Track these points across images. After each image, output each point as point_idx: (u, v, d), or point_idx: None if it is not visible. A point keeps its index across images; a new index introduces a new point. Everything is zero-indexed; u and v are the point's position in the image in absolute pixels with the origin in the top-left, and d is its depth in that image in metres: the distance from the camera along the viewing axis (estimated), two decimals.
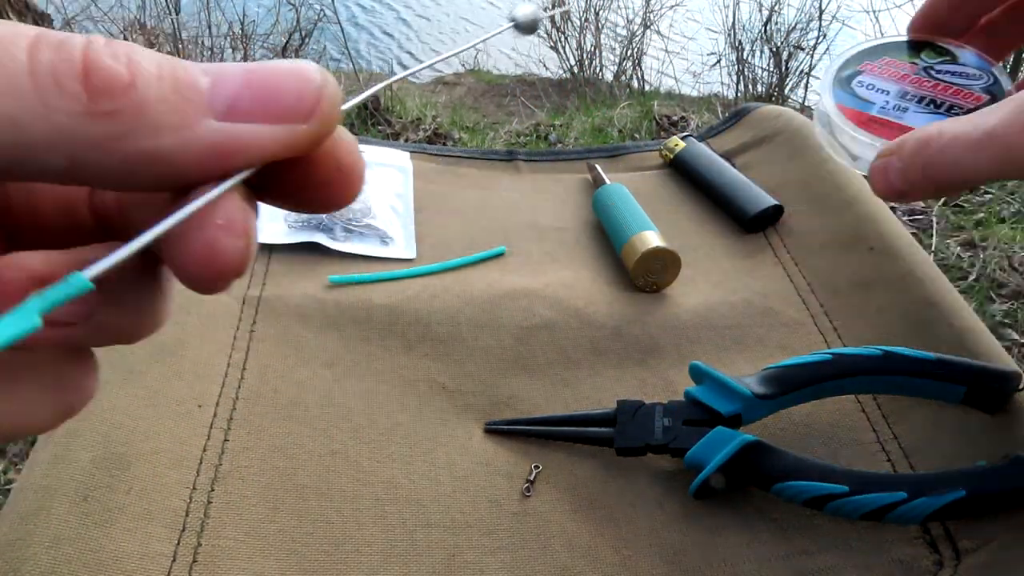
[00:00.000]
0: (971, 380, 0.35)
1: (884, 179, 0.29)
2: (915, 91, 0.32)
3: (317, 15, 3.56)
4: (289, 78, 0.15)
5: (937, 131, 0.27)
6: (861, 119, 0.32)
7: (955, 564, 0.32)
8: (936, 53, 0.34)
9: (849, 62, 0.34)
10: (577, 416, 0.38)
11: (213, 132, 0.14)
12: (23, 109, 0.12)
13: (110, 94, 0.13)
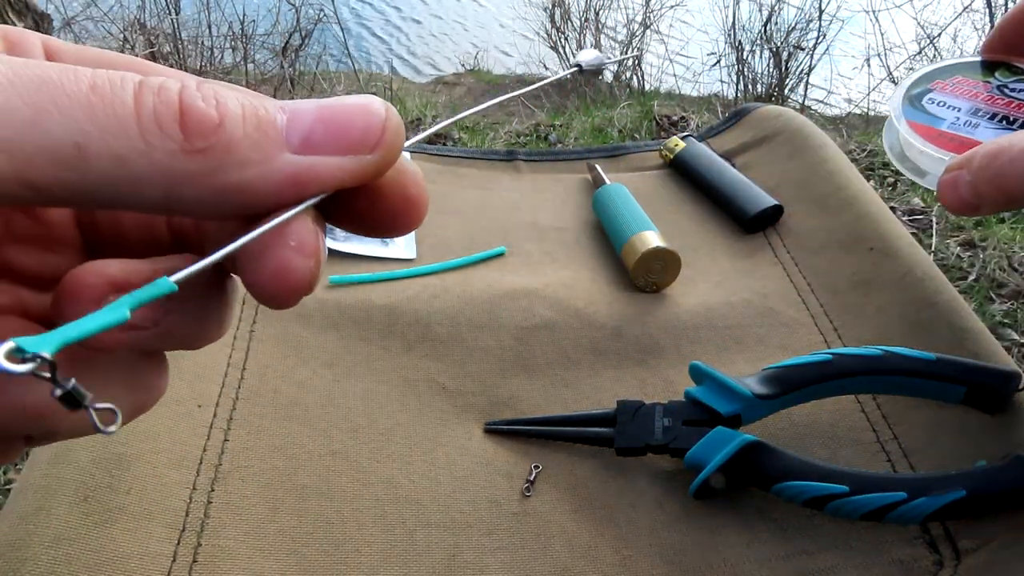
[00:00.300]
0: (971, 380, 0.35)
1: (954, 192, 0.28)
2: (987, 108, 0.32)
3: (317, 15, 3.56)
4: (357, 112, 0.16)
5: (1008, 143, 0.26)
6: (931, 134, 0.31)
7: (955, 564, 0.32)
8: (1011, 73, 0.34)
9: (920, 80, 0.34)
10: (577, 416, 0.38)
11: (290, 164, 0.15)
12: (130, 148, 0.14)
13: (203, 134, 0.14)
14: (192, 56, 3.33)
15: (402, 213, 0.18)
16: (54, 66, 0.14)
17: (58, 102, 0.14)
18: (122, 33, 3.41)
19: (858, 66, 2.95)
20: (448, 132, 2.57)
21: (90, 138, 0.14)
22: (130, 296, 0.14)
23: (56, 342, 0.13)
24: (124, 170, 0.14)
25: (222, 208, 0.15)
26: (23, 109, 0.13)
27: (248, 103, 0.15)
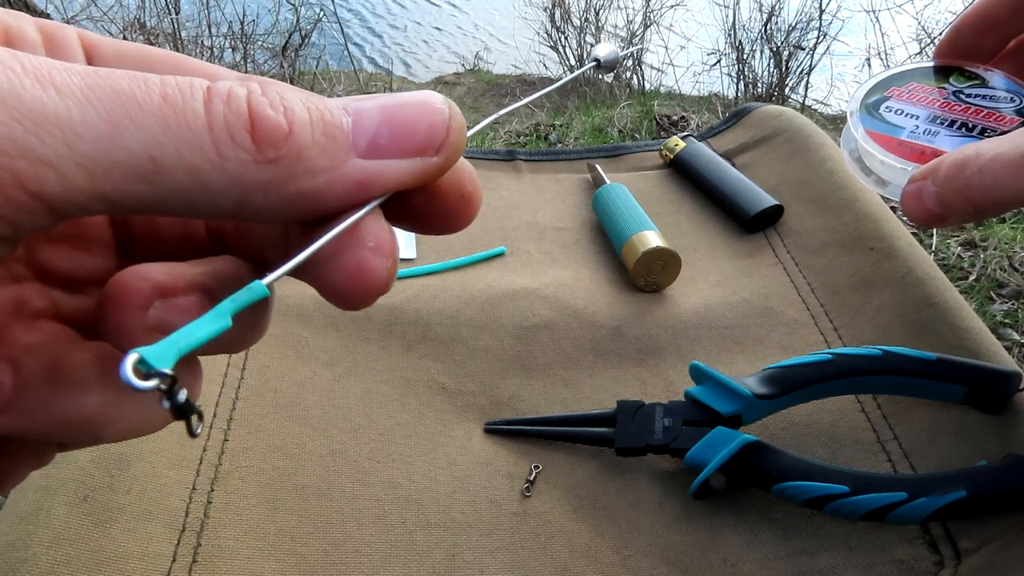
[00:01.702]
0: (971, 380, 0.35)
1: (918, 204, 0.28)
2: (945, 115, 0.32)
3: (317, 15, 3.56)
4: (421, 113, 0.16)
5: (974, 152, 0.26)
6: (890, 144, 0.31)
7: (955, 564, 0.32)
8: (965, 78, 0.33)
9: (876, 88, 0.34)
10: (577, 416, 0.38)
11: (357, 170, 0.15)
12: (203, 160, 0.14)
13: (274, 144, 0.14)
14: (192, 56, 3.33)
15: (458, 210, 0.18)
16: (124, 75, 0.14)
17: (132, 115, 0.14)
18: (122, 33, 3.41)
19: (859, 66, 2.95)
20: None
21: (165, 151, 0.14)
22: (229, 301, 0.14)
23: (172, 355, 0.13)
24: (197, 181, 0.14)
25: (290, 215, 0.15)
26: (99, 124, 0.13)
27: (314, 107, 0.15)
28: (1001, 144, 0.25)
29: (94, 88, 0.14)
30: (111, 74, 0.14)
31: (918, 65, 0.34)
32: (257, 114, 0.15)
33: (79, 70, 0.14)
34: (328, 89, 3.24)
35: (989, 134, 0.30)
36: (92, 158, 0.13)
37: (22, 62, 0.13)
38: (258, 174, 0.14)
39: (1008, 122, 0.31)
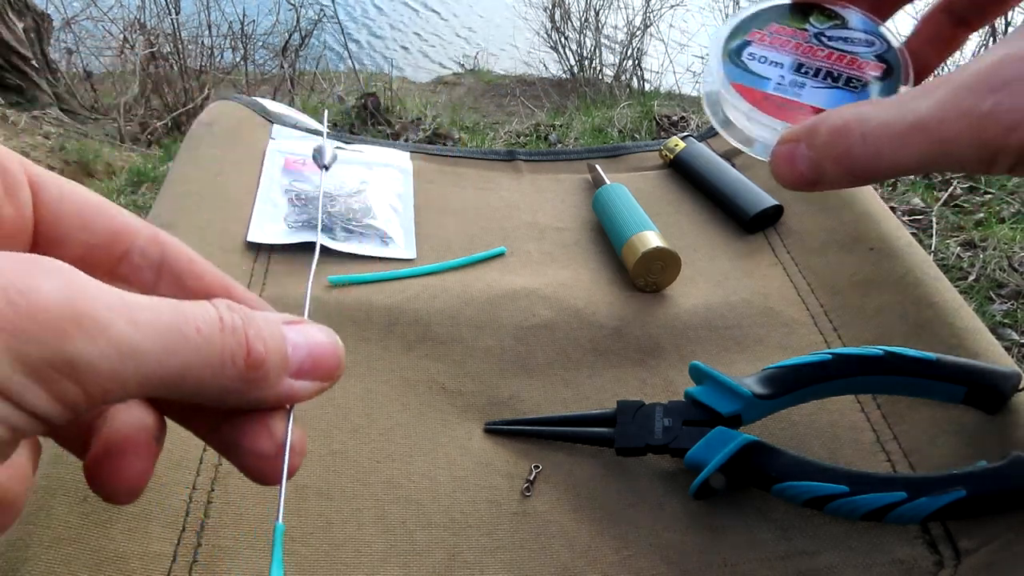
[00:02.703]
0: (971, 380, 0.35)
1: (791, 166, 0.26)
2: (810, 62, 0.30)
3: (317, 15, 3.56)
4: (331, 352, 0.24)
5: (856, 118, 0.24)
6: (756, 98, 0.29)
7: (955, 564, 0.32)
8: (825, 17, 0.32)
9: (736, 31, 0.31)
10: (577, 416, 0.38)
11: (287, 386, 0.23)
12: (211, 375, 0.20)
13: (255, 368, 0.21)
14: (192, 56, 3.33)
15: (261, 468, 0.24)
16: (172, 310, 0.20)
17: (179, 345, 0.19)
18: (122, 33, 3.41)
19: None
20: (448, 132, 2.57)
21: (191, 369, 0.20)
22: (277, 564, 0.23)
23: None
24: (200, 385, 0.20)
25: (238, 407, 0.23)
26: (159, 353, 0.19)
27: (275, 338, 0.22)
28: (887, 111, 0.23)
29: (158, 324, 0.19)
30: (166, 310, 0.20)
31: (777, 2, 0.32)
32: (251, 347, 0.21)
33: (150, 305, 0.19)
34: (328, 89, 3.23)
35: (854, 84, 0.29)
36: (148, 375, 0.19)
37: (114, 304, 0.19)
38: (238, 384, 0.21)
39: (872, 69, 0.30)
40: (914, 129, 0.22)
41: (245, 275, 0.45)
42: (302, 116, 0.65)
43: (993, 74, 0.21)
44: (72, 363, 0.17)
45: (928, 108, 0.22)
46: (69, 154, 2.52)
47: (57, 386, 0.17)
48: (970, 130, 0.21)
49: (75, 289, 0.18)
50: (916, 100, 0.23)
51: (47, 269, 0.18)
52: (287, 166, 0.53)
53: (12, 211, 0.23)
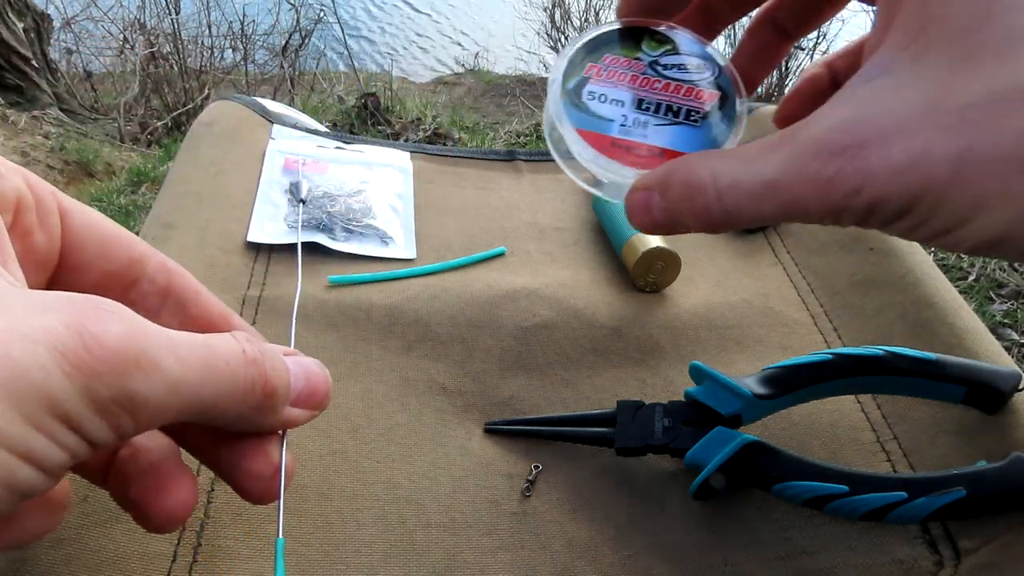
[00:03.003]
0: (971, 380, 0.35)
1: (647, 215, 0.27)
2: (649, 97, 0.30)
3: (317, 15, 3.56)
4: (322, 383, 0.28)
5: (709, 175, 0.25)
6: (604, 145, 0.29)
7: (955, 564, 0.32)
8: (656, 42, 0.31)
9: (572, 65, 0.31)
10: (577, 416, 0.38)
11: (288, 413, 0.26)
12: (233, 403, 0.23)
13: (271, 396, 0.25)
14: (192, 56, 3.33)
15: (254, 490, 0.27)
16: (205, 344, 0.22)
17: (212, 377, 0.22)
18: (122, 33, 3.41)
19: None
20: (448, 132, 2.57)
21: (219, 397, 0.22)
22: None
23: None
24: (224, 411, 0.23)
25: (245, 430, 0.26)
26: (195, 384, 0.21)
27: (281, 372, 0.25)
28: (736, 169, 0.24)
29: (195, 357, 0.21)
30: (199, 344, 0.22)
31: (607, 28, 0.32)
32: (269, 378, 0.24)
33: (189, 342, 0.22)
34: (328, 89, 3.24)
35: (693, 116, 0.30)
36: (186, 405, 0.21)
37: (164, 343, 0.21)
38: (253, 410, 0.24)
39: (709, 98, 0.30)
40: (766, 190, 0.23)
41: (245, 275, 0.45)
42: (302, 116, 0.65)
43: (832, 140, 0.22)
44: (132, 399, 0.19)
45: (776, 171, 0.23)
46: (69, 154, 2.52)
47: (116, 419, 0.19)
48: (817, 194, 0.22)
49: (134, 332, 0.20)
50: (762, 159, 0.24)
51: (111, 312, 0.20)
52: (287, 166, 0.53)
53: (44, 239, 0.26)
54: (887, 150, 0.21)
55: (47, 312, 0.19)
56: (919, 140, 0.21)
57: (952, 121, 0.20)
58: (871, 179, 0.21)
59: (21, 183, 0.25)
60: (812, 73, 0.32)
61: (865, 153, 0.21)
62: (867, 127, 0.22)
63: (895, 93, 0.22)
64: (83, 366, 0.18)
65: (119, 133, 2.91)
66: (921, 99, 0.21)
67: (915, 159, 0.21)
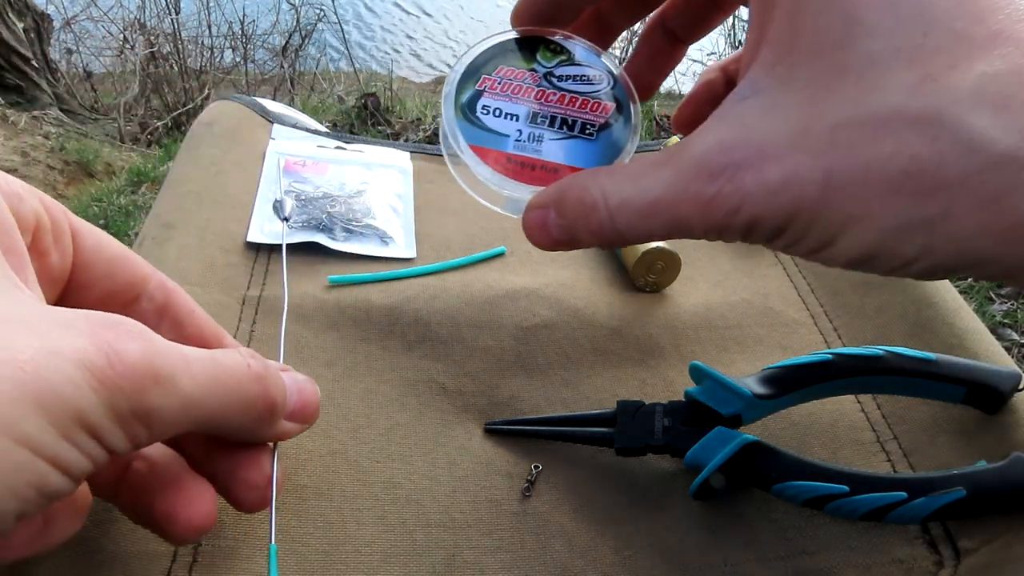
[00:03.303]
0: (971, 380, 0.35)
1: (544, 232, 0.27)
2: (544, 110, 0.30)
3: (317, 15, 3.56)
4: (314, 397, 0.30)
5: (600, 194, 0.25)
6: (499, 161, 0.29)
7: (955, 564, 0.32)
8: (551, 52, 0.31)
9: (466, 78, 0.30)
10: (577, 416, 0.38)
11: (282, 426, 0.29)
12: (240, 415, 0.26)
13: (270, 411, 0.27)
14: (192, 56, 3.33)
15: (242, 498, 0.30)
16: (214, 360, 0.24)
17: (221, 392, 0.24)
18: (122, 33, 3.41)
19: None
20: None
21: (226, 410, 0.25)
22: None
23: None
24: (228, 424, 0.26)
25: (243, 441, 0.29)
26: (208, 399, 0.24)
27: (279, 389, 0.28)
28: (625, 187, 0.25)
29: (207, 374, 0.23)
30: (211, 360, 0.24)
31: (502, 38, 0.31)
32: (271, 393, 0.27)
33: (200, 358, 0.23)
34: (328, 89, 3.24)
35: (588, 129, 0.30)
36: (196, 418, 0.23)
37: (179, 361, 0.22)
38: (254, 423, 0.27)
39: (604, 111, 0.30)
40: (653, 208, 0.24)
41: (245, 275, 0.45)
42: (302, 116, 0.65)
43: (711, 160, 0.23)
44: (148, 412, 0.21)
45: (660, 191, 0.24)
46: (69, 154, 2.52)
47: (133, 429, 0.21)
48: (699, 213, 0.23)
49: (153, 350, 0.22)
50: (648, 177, 0.24)
51: (131, 331, 0.22)
52: (287, 167, 0.54)
53: (58, 258, 0.27)
54: (761, 171, 0.22)
55: (71, 330, 0.20)
56: (789, 162, 0.21)
57: (818, 145, 0.21)
58: (748, 199, 0.22)
59: (39, 205, 0.26)
60: (707, 78, 0.33)
61: (742, 174, 0.22)
62: (743, 148, 0.22)
63: (767, 114, 0.22)
64: (107, 381, 0.20)
65: (119, 133, 2.91)
66: (789, 121, 0.22)
67: (786, 181, 0.21)
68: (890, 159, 0.20)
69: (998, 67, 0.19)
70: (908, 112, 0.20)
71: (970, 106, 0.19)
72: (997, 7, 0.20)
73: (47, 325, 0.20)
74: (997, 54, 0.20)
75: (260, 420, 0.27)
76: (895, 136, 0.20)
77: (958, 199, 0.19)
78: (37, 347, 0.19)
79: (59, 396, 0.19)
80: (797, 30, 0.22)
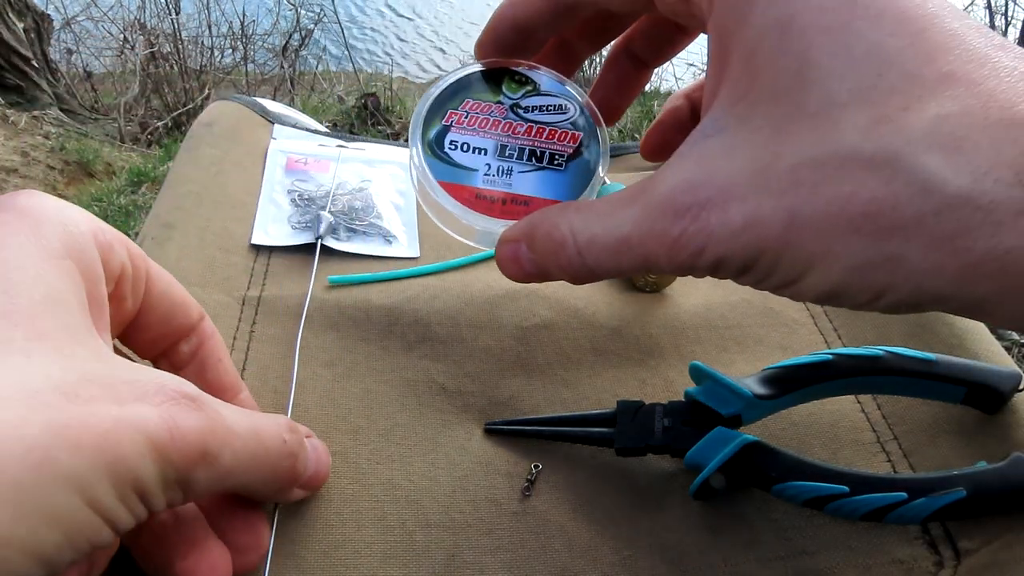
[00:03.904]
0: (971, 380, 0.35)
1: (517, 267, 0.28)
2: (512, 143, 0.30)
3: (317, 15, 3.56)
4: (326, 466, 0.33)
5: (569, 231, 0.26)
6: (468, 196, 0.29)
7: (955, 564, 0.32)
8: (516, 84, 0.31)
9: (432, 113, 0.30)
10: (577, 416, 0.38)
11: (295, 494, 0.31)
12: (263, 484, 0.28)
13: (294, 481, 0.30)
14: (192, 56, 3.34)
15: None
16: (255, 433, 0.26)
17: (254, 467, 0.26)
18: (122, 33, 3.41)
19: None
20: None
21: (255, 481, 0.27)
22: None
23: None
24: (251, 488, 0.28)
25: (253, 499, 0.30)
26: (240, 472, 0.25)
27: (306, 458, 0.30)
28: (594, 224, 0.25)
29: (249, 450, 0.25)
30: (253, 435, 0.26)
31: (467, 71, 0.31)
32: (298, 469, 0.29)
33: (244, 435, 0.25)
34: (328, 89, 3.24)
35: (557, 160, 0.30)
36: (227, 487, 0.26)
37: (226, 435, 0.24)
38: (274, 492, 0.30)
39: (571, 140, 0.31)
40: (621, 246, 0.25)
41: (245, 275, 0.45)
42: (302, 116, 0.65)
43: (676, 199, 0.23)
44: (191, 483, 0.23)
45: (628, 228, 0.24)
46: (69, 154, 2.52)
47: (173, 494, 0.23)
48: (666, 251, 0.23)
49: (209, 429, 0.23)
50: (617, 215, 0.25)
51: (194, 405, 0.23)
52: (289, 166, 0.54)
53: (131, 304, 0.29)
54: (725, 212, 0.22)
55: (144, 401, 0.22)
56: (752, 202, 0.22)
57: (779, 185, 0.21)
58: (713, 239, 0.22)
59: (126, 256, 0.28)
60: (673, 105, 0.33)
61: (706, 214, 0.22)
62: (706, 188, 0.23)
63: (729, 153, 0.23)
64: (165, 455, 0.22)
65: (119, 133, 2.91)
66: (751, 161, 0.22)
67: (749, 221, 0.22)
68: (849, 200, 0.20)
69: (949, 108, 0.20)
70: (864, 153, 0.20)
71: (924, 148, 0.19)
72: (948, 47, 0.21)
73: (126, 391, 0.22)
74: (949, 95, 0.20)
75: (280, 490, 0.29)
76: (853, 177, 0.20)
77: (914, 239, 0.20)
78: (116, 417, 0.21)
79: (127, 465, 0.21)
80: (754, 71, 0.23)
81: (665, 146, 0.36)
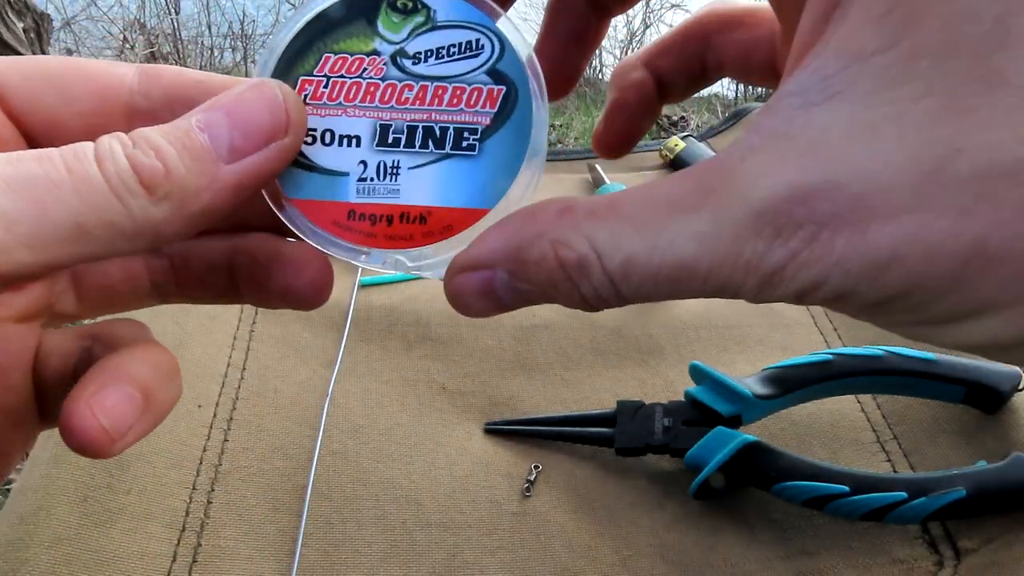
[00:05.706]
0: (971, 380, 0.35)
1: (487, 301, 0.21)
2: (397, 119, 0.20)
3: None
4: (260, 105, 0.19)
5: (591, 250, 0.17)
6: (339, 218, 0.20)
7: (955, 564, 0.32)
8: (400, 15, 0.20)
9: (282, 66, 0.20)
10: (577, 416, 0.38)
11: (230, 174, 0.18)
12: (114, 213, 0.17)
13: (159, 184, 0.17)
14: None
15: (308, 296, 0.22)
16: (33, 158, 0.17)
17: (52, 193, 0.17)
18: (122, 33, 3.41)
19: None
20: None
21: (84, 215, 0.17)
22: None
23: None
24: (115, 231, 0.17)
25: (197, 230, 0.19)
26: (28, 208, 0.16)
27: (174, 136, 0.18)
28: (627, 240, 0.17)
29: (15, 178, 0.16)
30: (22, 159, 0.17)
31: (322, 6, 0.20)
32: (138, 164, 0.17)
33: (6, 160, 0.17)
34: None
35: (467, 141, 0.20)
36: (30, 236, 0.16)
37: None
38: (158, 211, 0.17)
39: (489, 99, 0.20)
40: (681, 273, 0.17)
41: None
42: None
43: (777, 211, 0.15)
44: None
45: (695, 251, 0.16)
46: None
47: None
48: (756, 283, 0.16)
49: None
50: (667, 226, 0.17)
51: None
52: None
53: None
54: (863, 233, 0.15)
55: None
56: (911, 222, 0.14)
57: (962, 195, 0.14)
58: (838, 271, 0.15)
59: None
60: (633, 79, 0.25)
61: (829, 234, 0.15)
62: (831, 196, 0.15)
63: (867, 137, 0.15)
64: None
65: None
66: (911, 153, 0.14)
67: (903, 250, 0.14)
68: None
69: None
70: None
71: None
72: None
73: None
74: None
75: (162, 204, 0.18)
76: None
77: None
78: None
79: None
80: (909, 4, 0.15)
81: (634, 134, 0.27)
